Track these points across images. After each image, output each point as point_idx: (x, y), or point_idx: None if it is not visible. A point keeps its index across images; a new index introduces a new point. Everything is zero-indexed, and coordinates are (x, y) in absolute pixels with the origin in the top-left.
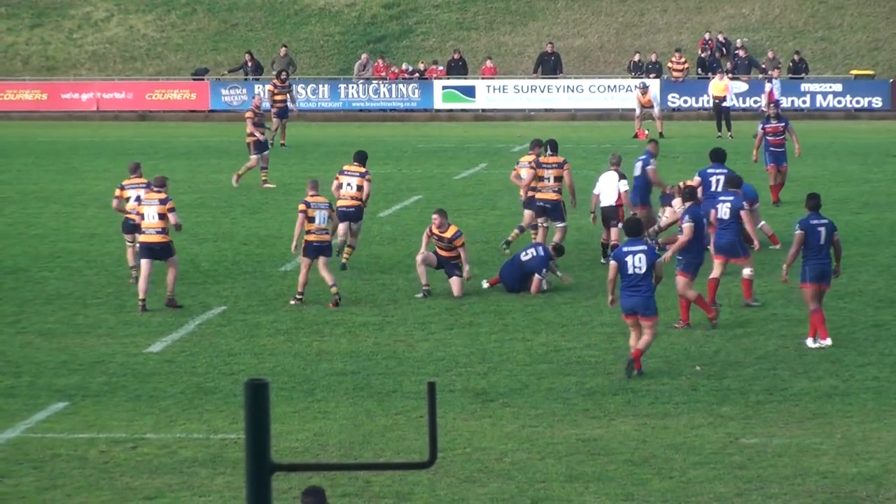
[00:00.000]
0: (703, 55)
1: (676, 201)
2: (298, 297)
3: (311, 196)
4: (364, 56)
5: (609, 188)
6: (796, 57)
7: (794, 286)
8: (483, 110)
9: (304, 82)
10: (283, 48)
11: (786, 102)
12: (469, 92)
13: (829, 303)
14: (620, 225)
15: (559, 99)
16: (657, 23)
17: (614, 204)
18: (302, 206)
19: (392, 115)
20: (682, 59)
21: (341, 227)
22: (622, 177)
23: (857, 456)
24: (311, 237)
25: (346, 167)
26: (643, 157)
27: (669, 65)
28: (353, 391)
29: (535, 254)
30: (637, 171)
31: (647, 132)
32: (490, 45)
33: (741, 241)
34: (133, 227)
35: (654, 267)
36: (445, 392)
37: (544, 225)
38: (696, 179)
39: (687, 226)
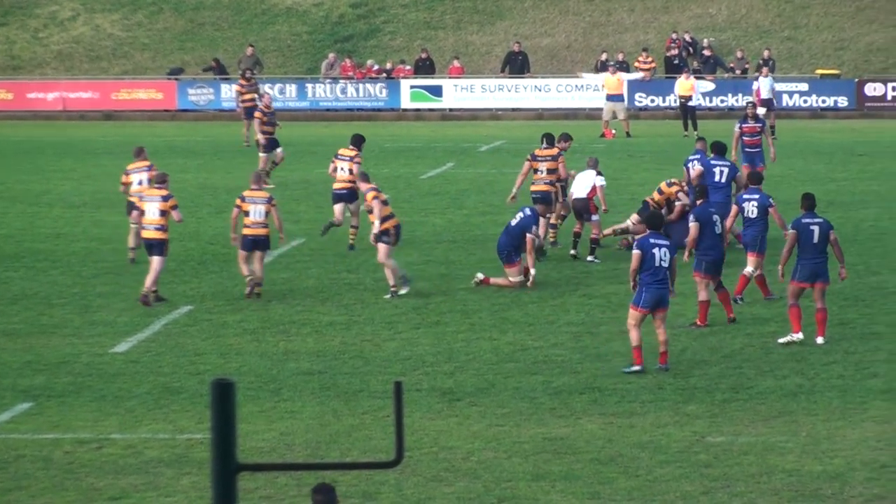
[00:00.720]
0: (669, 54)
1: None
2: (248, 286)
3: (250, 191)
4: (331, 55)
5: (583, 183)
6: (766, 54)
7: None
8: (450, 109)
9: (272, 82)
10: (250, 47)
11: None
12: (436, 91)
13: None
14: (595, 217)
15: (526, 98)
16: (624, 22)
17: (585, 197)
18: (238, 201)
19: (359, 115)
20: (649, 59)
21: (336, 208)
22: (599, 174)
23: (822, 454)
24: (248, 231)
25: (340, 151)
26: (696, 156)
27: (636, 64)
28: (320, 391)
29: (523, 215)
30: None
31: (614, 132)
32: (457, 45)
33: (764, 238)
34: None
35: (673, 263)
36: (412, 391)
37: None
38: (698, 168)
39: (693, 225)
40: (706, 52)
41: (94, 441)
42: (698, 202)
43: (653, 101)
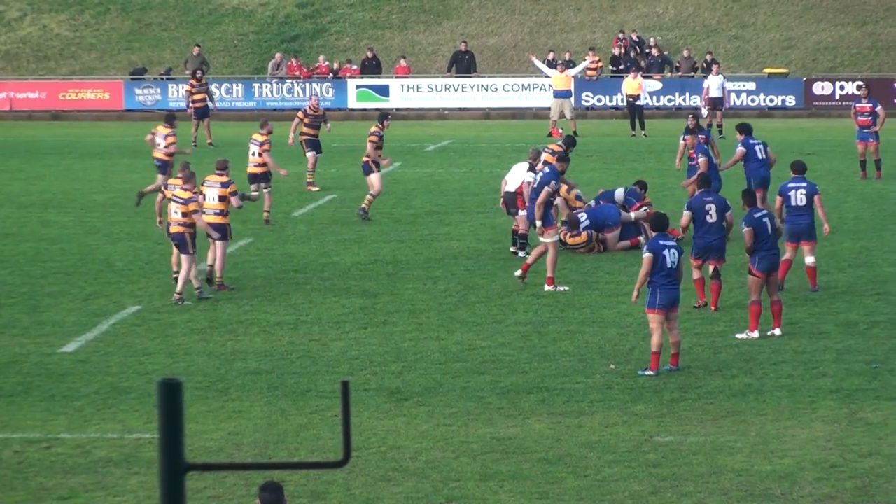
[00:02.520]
0: (616, 53)
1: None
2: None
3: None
4: (278, 55)
5: (516, 177)
6: (709, 56)
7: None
8: (397, 109)
9: (219, 82)
10: (197, 47)
11: (699, 101)
12: (383, 91)
13: (744, 301)
14: (521, 213)
15: (473, 98)
16: (571, 21)
17: (514, 191)
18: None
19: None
20: (596, 58)
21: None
22: (531, 170)
23: (771, 454)
24: (172, 227)
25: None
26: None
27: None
28: (268, 390)
29: (542, 173)
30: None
31: (560, 130)
32: (404, 44)
33: (813, 226)
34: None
35: (681, 263)
36: (360, 391)
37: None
38: (704, 160)
39: (686, 213)
40: (653, 52)
41: (42, 441)
42: (698, 191)
43: (600, 100)
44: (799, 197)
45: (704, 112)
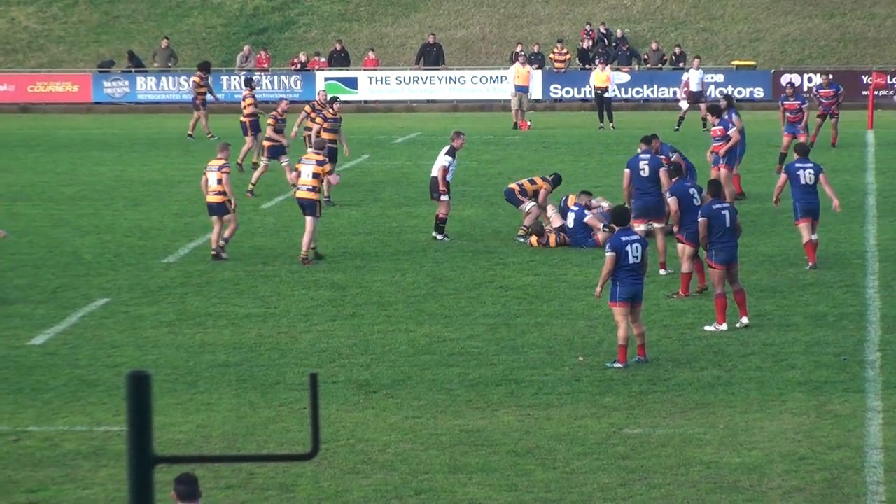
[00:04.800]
0: (584, 46)
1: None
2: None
3: (215, 159)
4: (246, 48)
5: (438, 161)
6: (677, 49)
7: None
8: (365, 101)
9: (187, 74)
10: (165, 40)
11: (667, 93)
12: (351, 83)
13: (709, 292)
14: (444, 197)
15: (441, 90)
16: (539, 14)
17: (434, 176)
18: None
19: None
20: (564, 51)
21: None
22: (450, 154)
23: (740, 446)
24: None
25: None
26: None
27: (551, 56)
28: (237, 383)
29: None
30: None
31: (529, 123)
32: (372, 37)
33: (820, 204)
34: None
35: (646, 257)
36: (328, 383)
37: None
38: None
39: (671, 200)
40: (621, 45)
41: (11, 433)
42: (673, 180)
43: (568, 92)
44: (808, 176)
45: (684, 105)
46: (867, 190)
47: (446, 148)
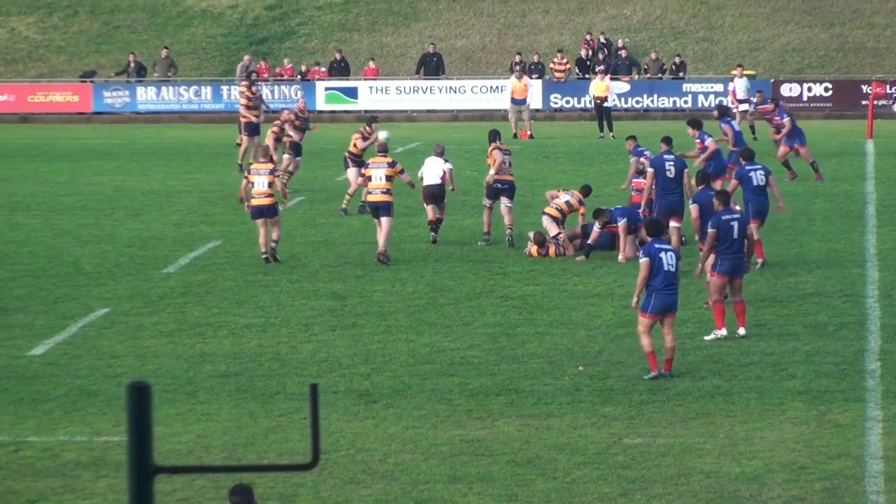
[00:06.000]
0: (584, 55)
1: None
2: (263, 255)
3: (257, 163)
4: (246, 58)
5: (433, 170)
6: (677, 59)
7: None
8: (366, 111)
9: (187, 84)
10: (165, 49)
11: (667, 103)
12: (351, 93)
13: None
14: (443, 202)
15: (441, 100)
16: (539, 23)
17: (439, 182)
18: (246, 174)
19: (275, 117)
20: (564, 60)
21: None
22: (446, 161)
23: (740, 455)
24: (255, 201)
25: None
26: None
27: (551, 65)
28: (237, 393)
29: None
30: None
31: (529, 132)
32: (372, 46)
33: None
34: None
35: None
36: (328, 393)
37: (490, 206)
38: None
39: (693, 207)
40: (621, 54)
41: (11, 444)
42: (699, 187)
43: (568, 102)
44: (759, 178)
45: (737, 112)
46: (867, 199)
47: (437, 155)
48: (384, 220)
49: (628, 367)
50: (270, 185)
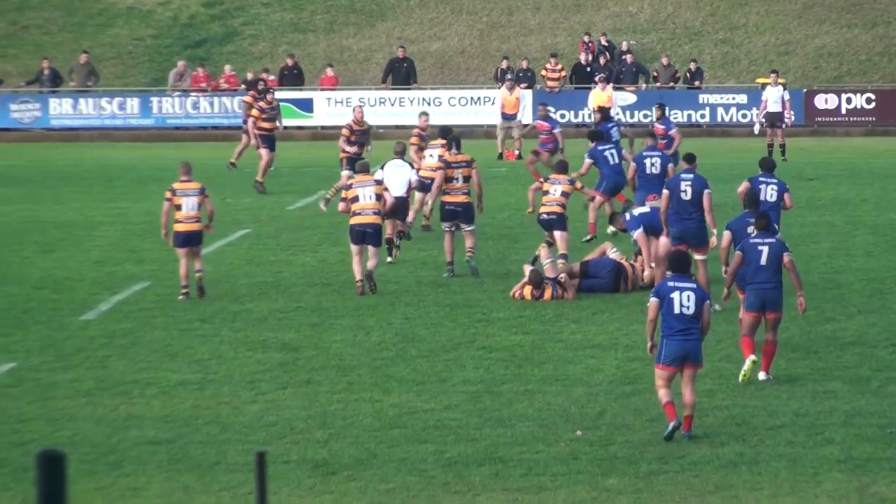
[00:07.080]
0: (582, 60)
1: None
2: (184, 290)
3: (180, 183)
4: (181, 64)
5: (395, 179)
6: (692, 65)
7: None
8: (322, 127)
9: (110, 95)
10: (84, 54)
11: (681, 116)
12: (306, 106)
13: (734, 354)
14: (409, 217)
15: (412, 113)
16: (528, 23)
17: (403, 196)
18: (167, 194)
19: (214, 134)
20: (559, 66)
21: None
22: (412, 166)
23: None
24: (180, 226)
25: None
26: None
27: (543, 73)
28: (168, 463)
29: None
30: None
31: (517, 153)
32: (331, 50)
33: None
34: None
35: (704, 310)
36: (278, 464)
37: (450, 230)
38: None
39: (726, 233)
40: (626, 58)
41: None
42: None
43: (563, 115)
44: (770, 192)
45: (756, 129)
46: None
47: (397, 162)
48: (376, 248)
49: (635, 431)
50: (200, 207)
